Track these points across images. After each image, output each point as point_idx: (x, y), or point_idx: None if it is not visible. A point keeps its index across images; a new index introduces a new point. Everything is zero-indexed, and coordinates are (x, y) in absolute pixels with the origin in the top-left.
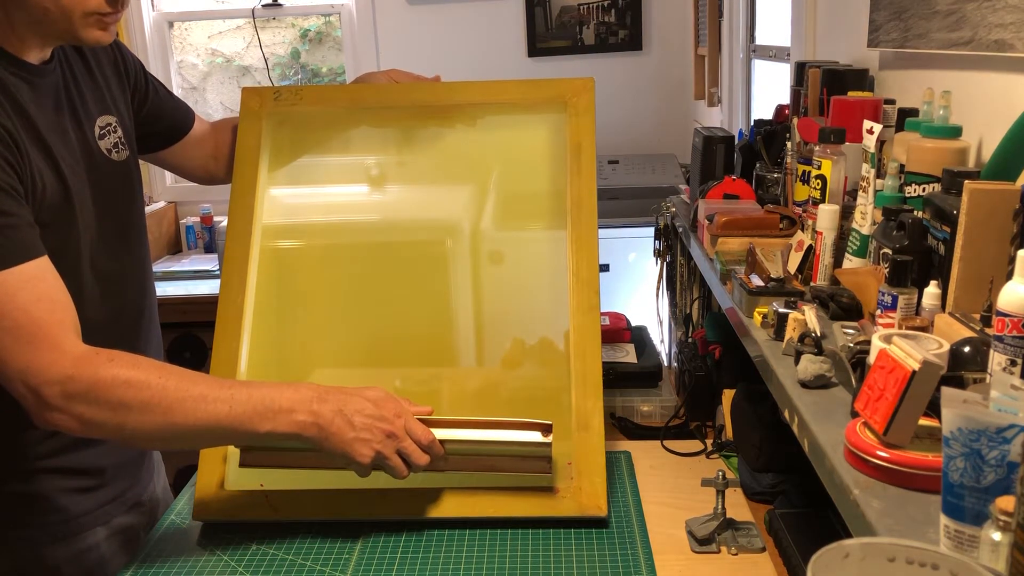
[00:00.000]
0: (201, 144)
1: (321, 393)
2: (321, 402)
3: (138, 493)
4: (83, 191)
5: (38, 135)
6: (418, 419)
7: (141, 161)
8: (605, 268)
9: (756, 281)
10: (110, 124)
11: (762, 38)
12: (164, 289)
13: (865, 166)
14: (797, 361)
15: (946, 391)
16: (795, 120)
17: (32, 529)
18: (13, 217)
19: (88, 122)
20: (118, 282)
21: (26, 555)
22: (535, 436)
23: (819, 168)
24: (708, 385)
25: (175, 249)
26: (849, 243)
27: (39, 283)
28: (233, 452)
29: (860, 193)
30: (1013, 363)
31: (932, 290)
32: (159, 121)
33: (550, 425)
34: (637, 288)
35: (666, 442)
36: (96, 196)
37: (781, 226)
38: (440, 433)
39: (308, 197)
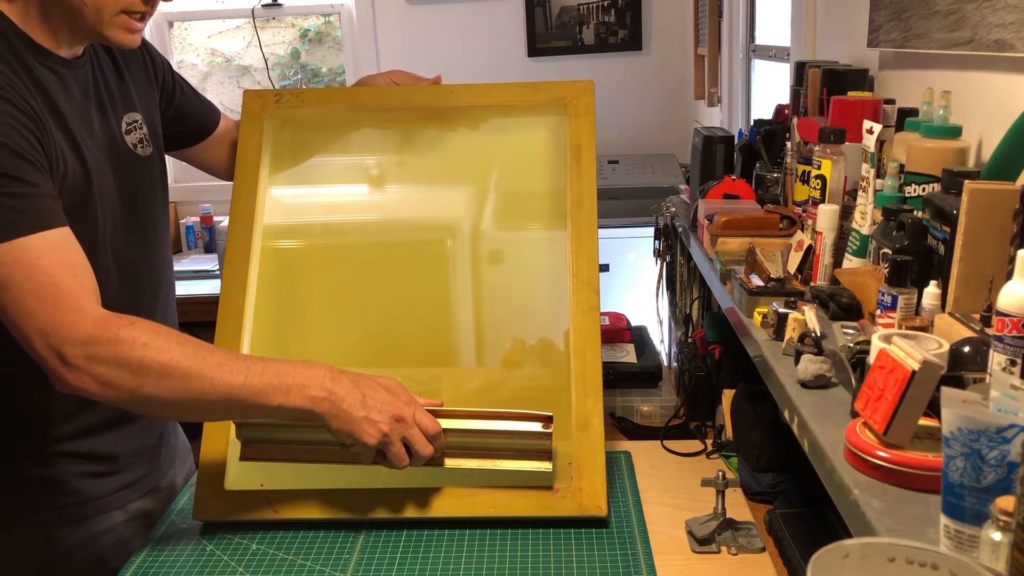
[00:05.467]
0: (225, 142)
1: (335, 373)
2: (335, 381)
3: (155, 480)
4: (105, 179)
5: (63, 121)
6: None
7: None
8: (605, 268)
9: (756, 281)
10: (136, 121)
11: (762, 38)
12: None
13: (865, 166)
14: (797, 361)
15: (946, 391)
16: (795, 120)
17: (46, 512)
18: (37, 187)
19: (115, 116)
20: (137, 271)
21: (40, 538)
22: (535, 427)
23: (819, 168)
24: (708, 385)
25: (175, 249)
26: (849, 243)
27: (61, 250)
28: (233, 452)
29: (860, 193)
30: (1013, 363)
31: (932, 290)
32: (186, 120)
33: (550, 416)
34: (637, 288)
35: (666, 442)
36: (119, 186)
37: (781, 226)
38: (442, 423)
39: (309, 197)
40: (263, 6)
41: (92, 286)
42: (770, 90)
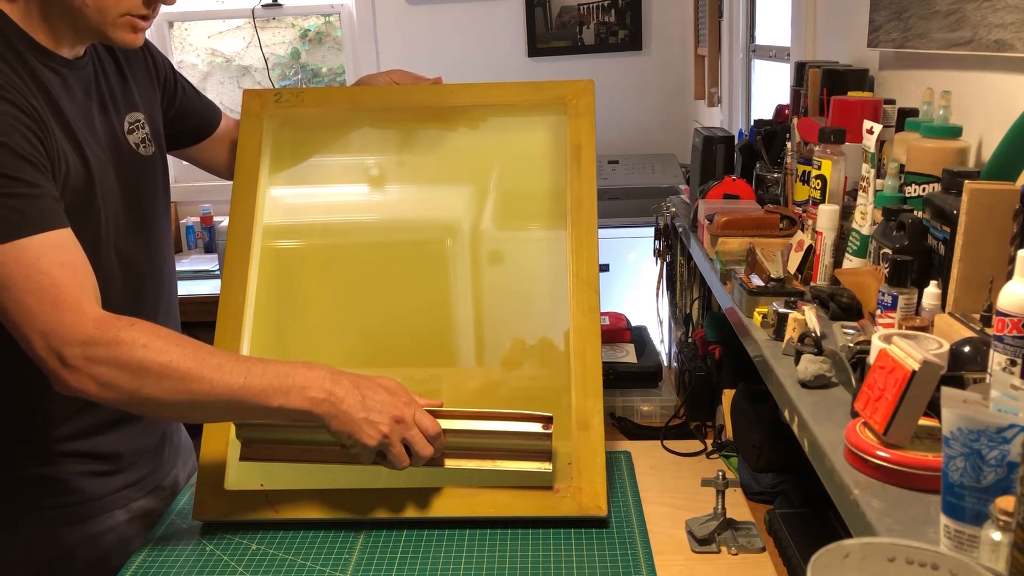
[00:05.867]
0: (226, 141)
1: (335, 374)
2: (335, 382)
3: (158, 479)
4: (108, 179)
5: (65, 121)
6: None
7: None
8: (605, 268)
9: (756, 281)
10: (139, 120)
11: (762, 38)
12: None
13: (865, 166)
14: (797, 361)
15: (946, 391)
16: (795, 120)
17: (48, 511)
18: (39, 188)
19: (117, 116)
20: (139, 271)
21: (41, 537)
22: (535, 427)
23: (819, 168)
24: (708, 385)
25: (175, 249)
26: (849, 243)
27: (62, 250)
28: (233, 452)
29: (860, 193)
30: (1013, 363)
31: (932, 290)
32: (187, 120)
33: (550, 417)
34: (637, 288)
35: (666, 442)
36: (121, 186)
37: (781, 226)
38: (442, 424)
39: (309, 197)
40: (263, 6)
41: (92, 287)
42: (770, 90)
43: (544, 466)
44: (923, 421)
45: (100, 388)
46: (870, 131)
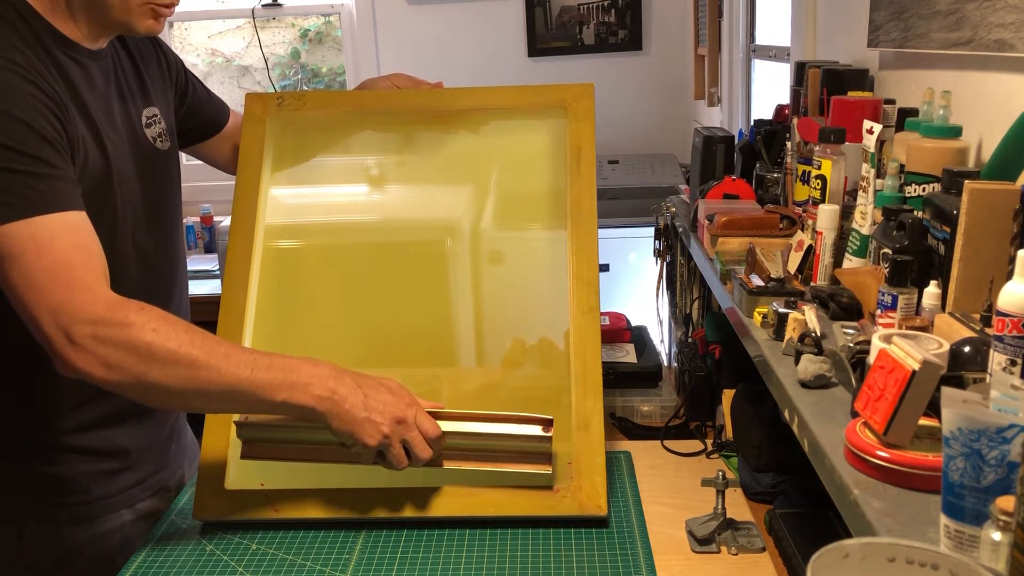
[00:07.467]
0: (234, 138)
1: (338, 372)
2: (338, 380)
3: (164, 479)
4: (126, 170)
5: (85, 110)
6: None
7: None
8: (605, 268)
9: (756, 281)
10: (155, 115)
11: (762, 38)
12: None
13: (865, 166)
14: (797, 361)
15: (946, 391)
16: (795, 120)
17: (55, 509)
18: (59, 169)
19: (135, 110)
20: (155, 264)
21: (48, 535)
22: (535, 430)
23: (819, 168)
24: (708, 385)
25: None
26: (849, 243)
27: (77, 232)
28: (234, 452)
29: (860, 193)
30: (1013, 363)
31: (932, 290)
32: (198, 117)
33: (551, 420)
34: (637, 288)
35: (666, 442)
36: (139, 178)
37: (781, 226)
38: (442, 425)
39: (310, 198)
40: (263, 6)
41: (104, 271)
42: (770, 90)
43: (544, 469)
44: (923, 421)
45: (106, 370)
46: (870, 131)
